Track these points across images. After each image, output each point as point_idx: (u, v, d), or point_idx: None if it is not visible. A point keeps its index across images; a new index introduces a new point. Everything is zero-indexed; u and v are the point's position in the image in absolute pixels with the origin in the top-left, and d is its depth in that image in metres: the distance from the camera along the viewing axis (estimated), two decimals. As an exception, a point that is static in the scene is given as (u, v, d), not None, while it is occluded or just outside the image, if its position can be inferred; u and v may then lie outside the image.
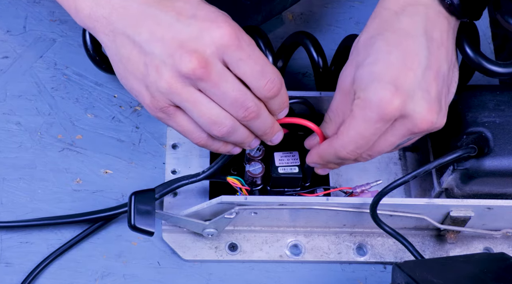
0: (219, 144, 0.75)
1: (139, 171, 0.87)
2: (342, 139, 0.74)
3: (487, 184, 0.79)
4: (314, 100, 0.84)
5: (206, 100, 0.70)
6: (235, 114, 0.71)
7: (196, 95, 0.70)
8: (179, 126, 0.73)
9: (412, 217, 0.80)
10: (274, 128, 0.74)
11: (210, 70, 0.68)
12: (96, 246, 0.83)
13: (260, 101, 0.72)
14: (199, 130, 0.73)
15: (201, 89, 0.70)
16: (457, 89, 0.81)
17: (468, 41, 0.76)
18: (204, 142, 0.74)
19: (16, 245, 0.82)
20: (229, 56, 0.69)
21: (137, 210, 0.76)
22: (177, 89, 0.69)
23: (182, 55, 0.68)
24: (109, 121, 0.89)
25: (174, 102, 0.71)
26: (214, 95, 0.70)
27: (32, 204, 0.84)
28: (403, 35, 0.72)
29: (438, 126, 0.74)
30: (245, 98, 0.70)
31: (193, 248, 0.83)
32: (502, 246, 0.86)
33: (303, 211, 0.80)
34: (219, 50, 0.68)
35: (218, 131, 0.71)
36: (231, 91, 0.69)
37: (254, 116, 0.71)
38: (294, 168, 0.81)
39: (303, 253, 0.84)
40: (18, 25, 0.94)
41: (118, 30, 0.71)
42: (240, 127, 0.72)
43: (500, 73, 0.77)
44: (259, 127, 0.73)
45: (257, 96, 0.71)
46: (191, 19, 0.69)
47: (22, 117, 0.89)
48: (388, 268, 0.84)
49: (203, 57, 0.68)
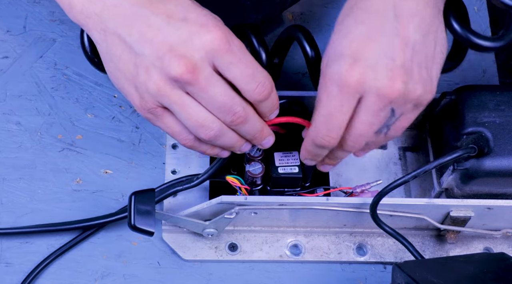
0: (206, 147, 0.75)
1: (139, 171, 0.87)
2: (314, 124, 0.73)
3: (487, 184, 0.79)
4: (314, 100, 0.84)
5: (194, 104, 0.70)
6: (223, 118, 0.71)
7: (184, 98, 0.70)
8: (167, 127, 0.74)
9: (412, 217, 0.80)
10: (263, 132, 0.75)
11: (198, 74, 0.68)
12: (96, 246, 0.83)
13: (249, 105, 0.72)
14: (186, 132, 0.73)
15: (189, 93, 0.70)
16: (457, 89, 0.81)
17: (455, 16, 0.75)
18: (191, 143, 0.74)
19: (16, 245, 0.82)
20: (219, 60, 0.69)
21: (137, 210, 0.76)
22: (166, 92, 0.70)
23: (170, 59, 0.68)
24: (109, 121, 0.89)
25: (163, 104, 0.71)
26: (202, 99, 0.70)
27: (32, 204, 0.84)
28: (372, 11, 0.70)
29: (413, 98, 0.70)
30: (233, 103, 0.70)
31: (193, 248, 0.83)
32: (502, 246, 0.85)
33: (303, 211, 0.80)
34: (209, 55, 0.68)
35: (205, 134, 0.72)
36: (219, 96, 0.70)
37: (242, 121, 0.72)
38: (294, 168, 0.81)
39: (303, 253, 0.84)
40: (18, 25, 0.94)
41: (109, 29, 0.71)
42: (228, 131, 0.73)
43: (487, 47, 0.75)
44: (247, 132, 0.73)
45: (247, 100, 0.71)
46: (182, 22, 0.69)
47: (22, 117, 0.89)
48: (388, 268, 0.84)
49: (191, 62, 0.68)
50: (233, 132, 0.73)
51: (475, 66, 0.96)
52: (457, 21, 0.75)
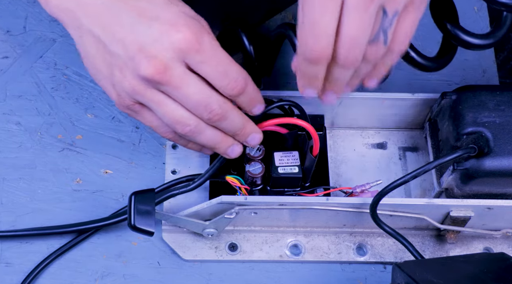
0: (186, 141, 0.76)
1: (139, 171, 0.87)
2: (300, 38, 0.67)
3: (487, 184, 0.79)
4: (314, 100, 0.84)
5: (169, 101, 0.71)
6: (200, 115, 0.72)
7: (159, 96, 0.71)
8: (146, 122, 0.75)
9: (412, 217, 0.80)
10: (245, 129, 0.75)
11: (169, 74, 0.69)
12: (96, 246, 0.83)
13: (228, 102, 0.72)
14: (165, 126, 0.74)
15: (164, 92, 0.70)
16: (457, 89, 0.81)
17: (445, 13, 0.75)
18: (171, 136, 0.76)
19: (16, 245, 0.82)
20: (190, 59, 0.69)
21: (137, 210, 0.76)
22: (140, 91, 0.70)
23: (141, 59, 0.68)
24: (109, 121, 0.89)
25: (139, 101, 0.72)
26: (177, 97, 0.70)
27: (32, 204, 0.84)
28: None
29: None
30: (209, 101, 0.71)
31: (193, 248, 0.83)
32: (502, 246, 0.85)
33: (303, 211, 0.80)
34: (179, 54, 0.68)
35: (181, 130, 0.72)
36: (192, 94, 0.70)
37: (219, 118, 0.72)
38: (294, 168, 0.81)
39: (303, 253, 0.84)
40: (18, 25, 0.94)
41: (84, 27, 0.71)
42: (207, 128, 0.73)
43: (477, 45, 0.75)
44: (228, 128, 0.74)
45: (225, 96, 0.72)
46: (153, 21, 0.69)
47: (22, 117, 0.89)
48: (388, 268, 0.84)
49: (161, 62, 0.68)
50: (214, 130, 0.74)
51: (475, 66, 0.96)
52: (446, 19, 0.75)
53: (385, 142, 0.90)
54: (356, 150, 0.89)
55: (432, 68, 0.78)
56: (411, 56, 0.78)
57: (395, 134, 0.90)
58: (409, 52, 0.77)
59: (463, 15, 0.77)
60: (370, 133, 0.90)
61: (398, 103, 0.86)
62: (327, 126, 0.88)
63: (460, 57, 0.87)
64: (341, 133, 0.90)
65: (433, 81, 0.94)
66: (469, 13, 0.75)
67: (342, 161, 0.88)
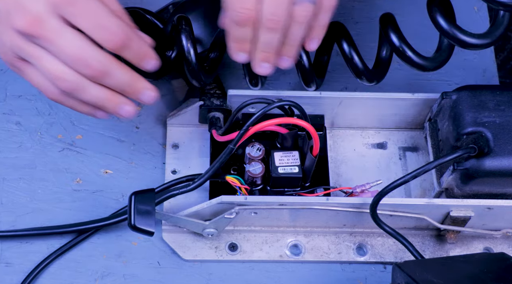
0: (74, 102, 0.74)
1: (139, 171, 0.87)
2: (226, 2, 0.69)
3: (487, 184, 0.79)
4: (314, 100, 0.84)
5: (49, 56, 0.70)
6: (81, 72, 0.70)
7: (38, 51, 0.70)
8: (31, 80, 0.73)
9: (412, 217, 0.80)
10: (135, 85, 0.73)
11: (42, 27, 0.68)
12: (96, 246, 0.83)
13: (111, 57, 0.70)
14: (49, 84, 0.72)
15: (41, 46, 0.70)
16: (457, 89, 0.81)
17: (442, 12, 0.75)
18: (56, 97, 0.73)
19: (16, 245, 0.82)
20: (64, 12, 0.68)
21: (137, 210, 0.76)
22: (19, 45, 0.70)
23: (16, 12, 0.68)
24: (109, 121, 0.89)
25: (21, 56, 0.71)
26: (53, 51, 0.70)
27: (32, 204, 0.84)
28: None
29: None
30: (88, 56, 0.69)
31: (193, 248, 0.83)
32: (502, 246, 0.86)
33: (303, 211, 0.80)
34: (53, 7, 0.68)
35: (61, 85, 0.71)
36: (67, 47, 0.69)
37: (100, 74, 0.70)
38: (294, 168, 0.81)
39: (303, 253, 0.84)
40: (18, 25, 0.94)
41: None
42: (90, 85, 0.71)
43: (474, 44, 0.75)
44: (114, 85, 0.72)
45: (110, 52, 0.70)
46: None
47: (22, 117, 0.89)
48: (388, 268, 0.84)
49: (34, 15, 0.68)
50: (100, 87, 0.72)
51: (475, 66, 0.96)
52: (443, 18, 0.75)
53: (385, 142, 0.90)
54: (356, 150, 0.89)
55: (430, 67, 0.78)
56: (408, 56, 0.78)
57: (395, 134, 0.90)
58: (406, 52, 0.77)
59: (463, 15, 0.77)
60: (370, 133, 0.90)
61: (398, 103, 0.86)
62: (327, 126, 0.88)
63: (460, 57, 0.87)
64: (341, 133, 0.90)
65: (433, 81, 0.94)
66: (469, 13, 0.75)
67: (342, 161, 0.88)
